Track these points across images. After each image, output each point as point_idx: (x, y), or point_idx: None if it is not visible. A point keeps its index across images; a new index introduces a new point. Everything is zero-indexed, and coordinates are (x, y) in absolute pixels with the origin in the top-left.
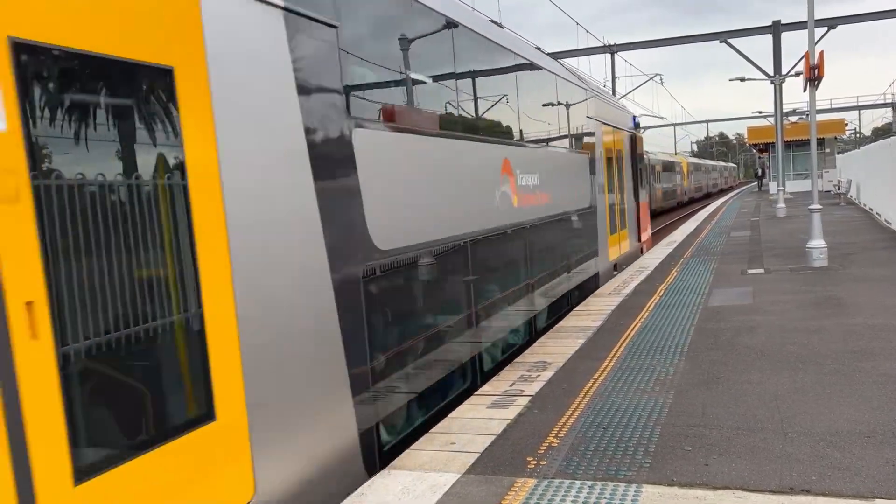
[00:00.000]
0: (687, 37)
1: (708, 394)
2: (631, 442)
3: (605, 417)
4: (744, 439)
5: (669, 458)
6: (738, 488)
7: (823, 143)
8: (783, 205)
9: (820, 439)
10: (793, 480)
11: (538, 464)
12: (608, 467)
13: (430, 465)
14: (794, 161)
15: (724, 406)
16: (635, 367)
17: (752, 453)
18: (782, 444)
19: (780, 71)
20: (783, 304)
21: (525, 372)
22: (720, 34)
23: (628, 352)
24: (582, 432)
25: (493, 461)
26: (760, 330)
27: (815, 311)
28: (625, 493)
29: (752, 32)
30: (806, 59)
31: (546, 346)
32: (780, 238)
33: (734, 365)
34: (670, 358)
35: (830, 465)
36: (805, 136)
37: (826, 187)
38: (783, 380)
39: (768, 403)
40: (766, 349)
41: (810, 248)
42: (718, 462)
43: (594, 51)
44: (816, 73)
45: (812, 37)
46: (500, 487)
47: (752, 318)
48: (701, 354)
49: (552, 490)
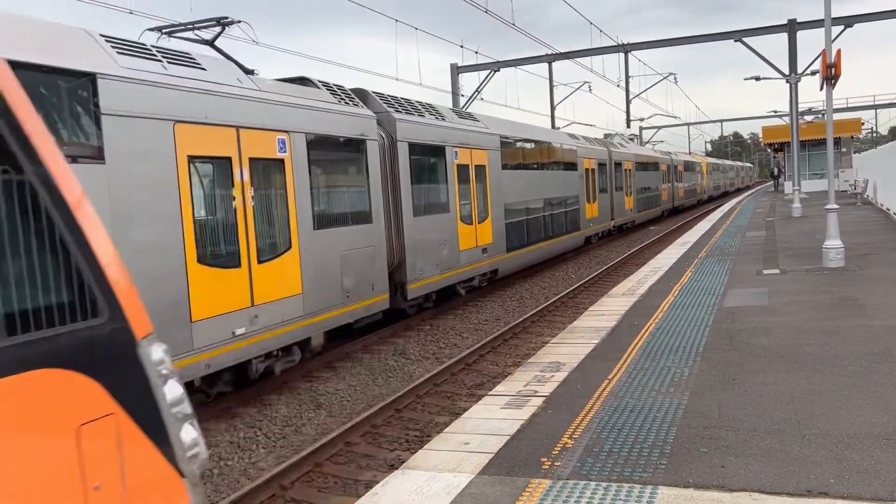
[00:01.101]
0: (701, 36)
1: (724, 395)
2: (646, 443)
3: (620, 418)
4: (760, 441)
5: (685, 460)
6: (754, 490)
7: (840, 143)
8: (799, 205)
9: (838, 441)
10: (810, 483)
11: (553, 465)
12: (623, 469)
13: (444, 466)
14: (809, 161)
15: (740, 407)
16: (650, 367)
17: (769, 455)
18: (799, 446)
19: (796, 70)
20: (799, 304)
21: (539, 372)
22: (735, 33)
23: (643, 352)
24: (596, 433)
25: (507, 462)
26: (776, 331)
27: (832, 312)
28: (640, 495)
29: (767, 31)
30: (823, 57)
31: (560, 346)
32: (796, 238)
33: (750, 366)
34: (685, 359)
35: (849, 468)
36: (820, 135)
37: (842, 187)
38: (800, 381)
39: (785, 405)
40: (783, 350)
41: (827, 249)
42: (735, 464)
43: (607, 50)
44: (833, 71)
45: (829, 35)
46: (515, 488)
47: (767, 319)
48: (716, 355)
49: (567, 491)
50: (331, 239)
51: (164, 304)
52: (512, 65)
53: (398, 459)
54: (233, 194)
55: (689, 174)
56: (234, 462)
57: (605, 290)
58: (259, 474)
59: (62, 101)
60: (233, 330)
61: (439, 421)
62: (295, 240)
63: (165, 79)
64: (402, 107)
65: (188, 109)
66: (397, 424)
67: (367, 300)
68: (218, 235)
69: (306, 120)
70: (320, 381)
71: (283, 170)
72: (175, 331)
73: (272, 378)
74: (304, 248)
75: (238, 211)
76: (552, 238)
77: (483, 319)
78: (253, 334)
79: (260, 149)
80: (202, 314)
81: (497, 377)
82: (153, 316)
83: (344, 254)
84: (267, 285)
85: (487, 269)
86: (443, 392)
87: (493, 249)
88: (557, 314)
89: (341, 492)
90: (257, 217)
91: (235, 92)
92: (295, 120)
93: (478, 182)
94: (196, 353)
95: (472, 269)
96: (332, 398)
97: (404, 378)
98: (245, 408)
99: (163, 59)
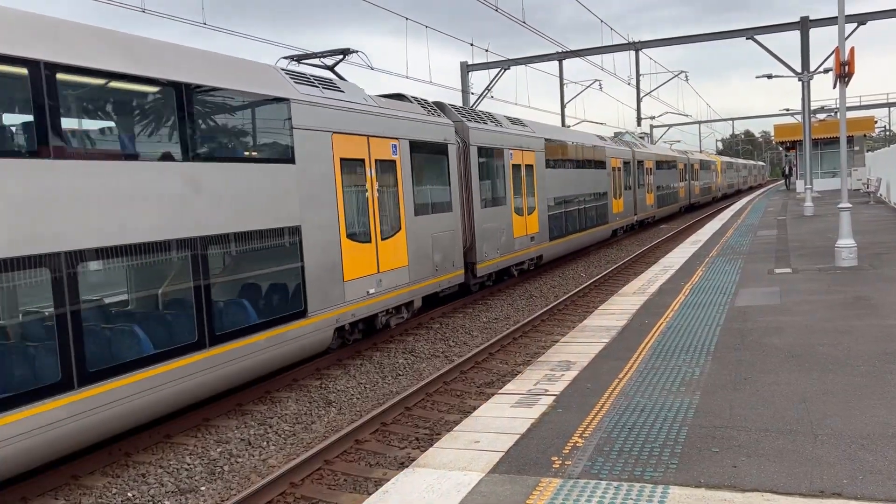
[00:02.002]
0: (713, 34)
1: (735, 395)
2: (657, 443)
3: (631, 418)
4: (772, 441)
5: (696, 460)
6: (767, 491)
7: (853, 141)
8: (811, 203)
9: (851, 442)
10: (823, 483)
11: (563, 464)
12: (634, 468)
13: (455, 464)
14: (821, 159)
15: (751, 407)
16: (661, 367)
17: (781, 455)
18: (812, 447)
19: (809, 68)
20: (812, 304)
21: (549, 371)
22: (747, 31)
23: (653, 352)
24: (607, 432)
25: (517, 460)
26: (789, 330)
27: (845, 312)
28: (651, 495)
29: (779, 29)
30: (836, 55)
31: (570, 345)
32: (808, 237)
33: (762, 366)
34: (696, 358)
35: (862, 469)
36: (833, 133)
37: (855, 186)
38: (812, 381)
39: (797, 405)
40: (795, 350)
41: (839, 248)
42: (747, 464)
43: (618, 48)
44: (847, 69)
45: (842, 32)
46: (525, 487)
47: (779, 319)
48: (728, 355)
49: (578, 490)
50: (425, 223)
51: (328, 267)
52: (522, 63)
53: (408, 457)
54: (366, 187)
55: (704, 172)
56: (244, 459)
57: (615, 288)
58: (270, 471)
59: (272, 119)
60: (367, 290)
61: (449, 419)
62: (403, 223)
63: (324, 100)
64: (471, 116)
65: (339, 123)
66: (407, 422)
67: (449, 274)
68: (358, 218)
69: (409, 129)
70: (330, 379)
71: (395, 168)
72: (335, 287)
73: (388, 330)
74: (409, 230)
75: (369, 200)
76: (585, 230)
77: (492, 318)
78: (379, 294)
79: (381, 152)
80: (350, 276)
81: (507, 376)
82: (324, 275)
83: (434, 235)
84: (387, 257)
85: (534, 255)
86: (452, 390)
87: (538, 238)
88: (567, 313)
89: (351, 489)
90: (381, 205)
91: (364, 108)
92: (402, 129)
93: (527, 179)
94: (347, 304)
95: (523, 254)
96: (342, 396)
97: (414, 376)
98: (256, 405)
99: (318, 84)
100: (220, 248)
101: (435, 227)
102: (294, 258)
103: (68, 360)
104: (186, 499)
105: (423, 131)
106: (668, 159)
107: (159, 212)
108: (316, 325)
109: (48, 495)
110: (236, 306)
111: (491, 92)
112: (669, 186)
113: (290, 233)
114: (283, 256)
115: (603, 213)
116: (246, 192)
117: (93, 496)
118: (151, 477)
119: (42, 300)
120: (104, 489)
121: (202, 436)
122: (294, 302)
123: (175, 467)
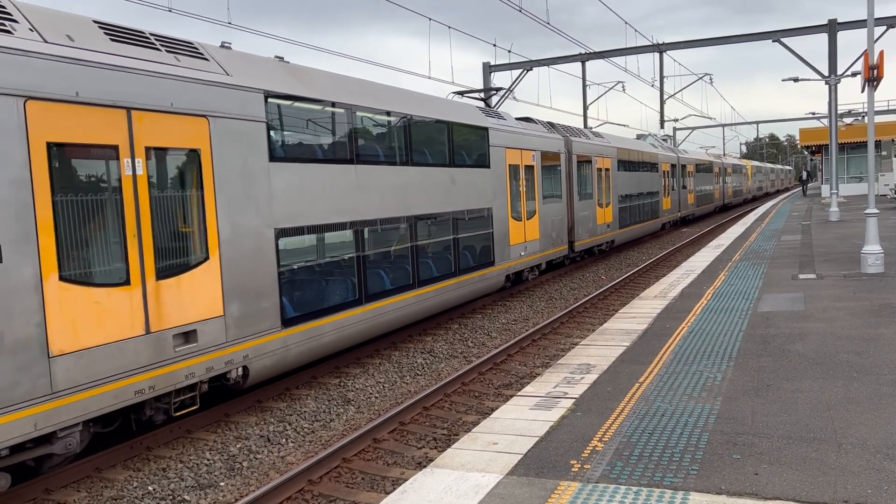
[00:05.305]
0: (738, 36)
1: (757, 401)
2: (677, 448)
3: (651, 422)
4: (795, 449)
5: (717, 466)
6: (789, 499)
7: (880, 146)
8: (836, 208)
9: (876, 451)
10: (847, 493)
11: (582, 467)
12: (654, 473)
13: (473, 465)
14: (847, 164)
15: (774, 414)
16: (681, 371)
17: (805, 464)
18: (836, 456)
19: (836, 71)
20: (836, 310)
21: (568, 374)
22: (773, 33)
23: (674, 356)
24: (627, 437)
25: (536, 463)
26: (812, 337)
27: (871, 319)
28: (671, 501)
29: (806, 31)
30: (865, 58)
31: (589, 348)
32: (833, 243)
33: (785, 373)
34: (718, 363)
35: (888, 479)
36: (859, 138)
37: (882, 191)
38: (837, 389)
39: (821, 413)
40: (819, 357)
41: (865, 254)
42: (769, 472)
43: (642, 49)
44: (875, 73)
45: (871, 36)
46: (544, 490)
47: (803, 325)
48: (750, 361)
49: (597, 495)
50: (549, 209)
51: (503, 235)
52: (545, 64)
53: (426, 457)
54: (519, 184)
55: (736, 176)
56: (263, 455)
57: (636, 292)
58: (288, 468)
59: (480, 140)
60: (520, 252)
61: (467, 420)
62: (537, 208)
63: (503, 126)
64: (571, 132)
65: (511, 141)
66: (425, 422)
67: (559, 247)
68: (517, 204)
69: (540, 143)
70: (349, 378)
71: (534, 171)
72: (505, 249)
73: (525, 283)
74: (541, 213)
75: (521, 192)
76: (644, 221)
77: (511, 319)
78: (525, 256)
79: (527, 160)
80: (512, 242)
81: (525, 378)
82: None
83: (552, 219)
84: (530, 232)
85: (609, 239)
86: (471, 391)
87: (612, 226)
88: (587, 315)
89: (369, 488)
90: (526, 195)
91: (518, 131)
92: (537, 143)
93: (606, 179)
94: (511, 260)
95: (602, 238)
96: (361, 394)
97: (432, 376)
98: (275, 402)
99: (494, 115)
100: (459, 219)
101: (553, 212)
102: (488, 228)
103: (362, 287)
104: (206, 493)
105: (548, 144)
106: (705, 164)
107: (442, 196)
108: (498, 272)
109: (71, 487)
110: (466, 255)
111: (513, 93)
112: (706, 188)
113: (486, 212)
114: (483, 227)
115: (655, 209)
116: (470, 185)
117: (114, 489)
118: (172, 471)
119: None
120: (125, 482)
121: (222, 431)
122: (488, 256)
123: (195, 462)
